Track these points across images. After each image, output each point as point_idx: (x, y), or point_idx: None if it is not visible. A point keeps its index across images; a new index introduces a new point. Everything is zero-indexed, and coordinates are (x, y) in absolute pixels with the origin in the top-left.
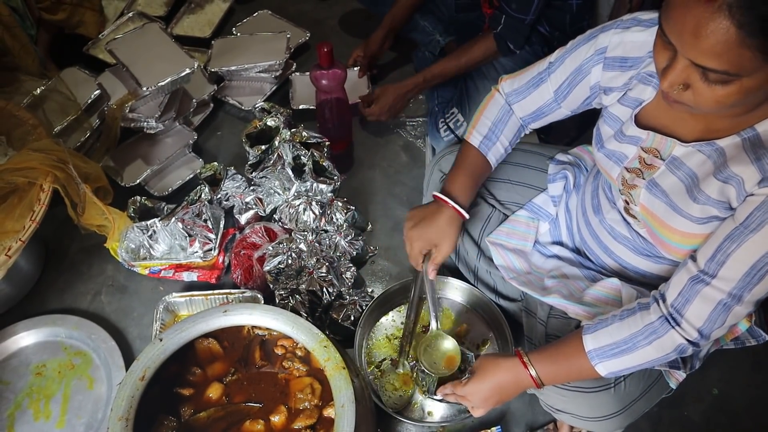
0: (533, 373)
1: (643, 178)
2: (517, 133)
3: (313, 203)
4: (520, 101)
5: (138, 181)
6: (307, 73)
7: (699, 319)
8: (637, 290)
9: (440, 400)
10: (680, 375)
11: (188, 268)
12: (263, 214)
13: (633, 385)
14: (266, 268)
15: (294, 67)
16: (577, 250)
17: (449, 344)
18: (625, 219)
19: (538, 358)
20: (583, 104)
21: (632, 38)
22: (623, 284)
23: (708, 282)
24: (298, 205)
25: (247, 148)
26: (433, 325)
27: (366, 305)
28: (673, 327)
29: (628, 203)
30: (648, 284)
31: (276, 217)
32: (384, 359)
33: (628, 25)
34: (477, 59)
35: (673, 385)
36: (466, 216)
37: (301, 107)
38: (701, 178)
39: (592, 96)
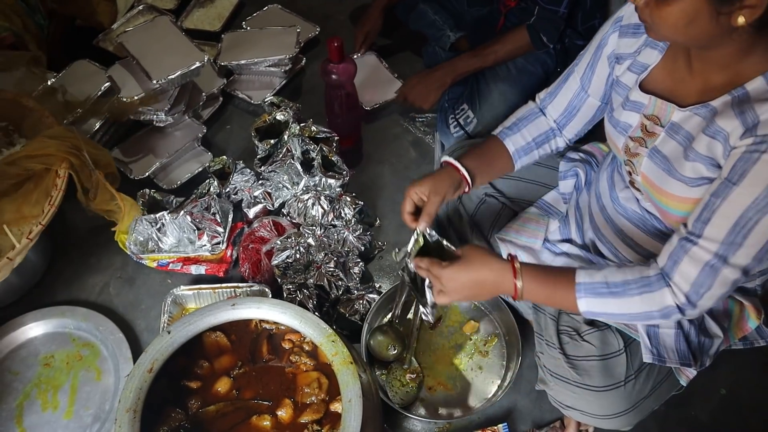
0: (519, 284)
1: (646, 147)
2: (544, 135)
3: (322, 198)
4: (553, 101)
5: (147, 174)
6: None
7: (686, 282)
8: None
9: (413, 277)
10: (691, 372)
11: (196, 261)
12: (272, 209)
13: (643, 383)
14: (274, 263)
15: (303, 61)
16: (586, 248)
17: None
18: (634, 195)
19: (529, 273)
20: (607, 85)
21: None
22: None
23: (695, 242)
24: (307, 200)
25: (256, 142)
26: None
27: (373, 300)
28: (667, 285)
29: (631, 174)
30: None
31: (284, 211)
32: None
33: None
34: (511, 51)
35: (683, 382)
36: (468, 179)
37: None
38: (695, 137)
39: (611, 72)
